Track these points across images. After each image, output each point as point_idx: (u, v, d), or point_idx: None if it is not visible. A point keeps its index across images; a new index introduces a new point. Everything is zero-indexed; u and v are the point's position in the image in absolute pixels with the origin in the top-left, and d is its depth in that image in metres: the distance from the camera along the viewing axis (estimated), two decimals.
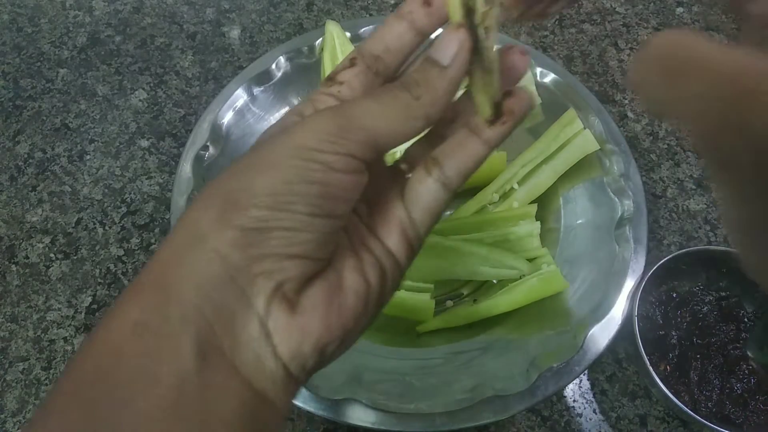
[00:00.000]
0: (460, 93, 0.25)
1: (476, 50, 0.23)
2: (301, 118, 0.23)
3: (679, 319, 0.41)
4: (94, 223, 0.50)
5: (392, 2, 0.64)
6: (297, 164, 0.20)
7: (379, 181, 0.25)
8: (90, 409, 0.18)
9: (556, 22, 0.63)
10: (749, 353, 0.39)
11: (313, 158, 0.20)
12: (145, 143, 0.54)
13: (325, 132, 0.21)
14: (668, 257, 0.41)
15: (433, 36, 0.25)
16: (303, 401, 0.35)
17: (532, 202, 0.47)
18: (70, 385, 0.19)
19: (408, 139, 0.24)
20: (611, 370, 0.44)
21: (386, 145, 0.22)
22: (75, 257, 0.48)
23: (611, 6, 0.64)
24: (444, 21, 0.24)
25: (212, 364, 0.19)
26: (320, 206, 0.21)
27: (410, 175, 0.25)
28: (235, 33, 0.61)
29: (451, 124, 0.26)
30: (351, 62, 0.25)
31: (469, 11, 0.23)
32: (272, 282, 0.20)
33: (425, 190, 0.24)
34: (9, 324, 0.45)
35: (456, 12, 0.23)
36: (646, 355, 0.38)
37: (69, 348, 0.44)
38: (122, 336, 0.19)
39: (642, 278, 0.40)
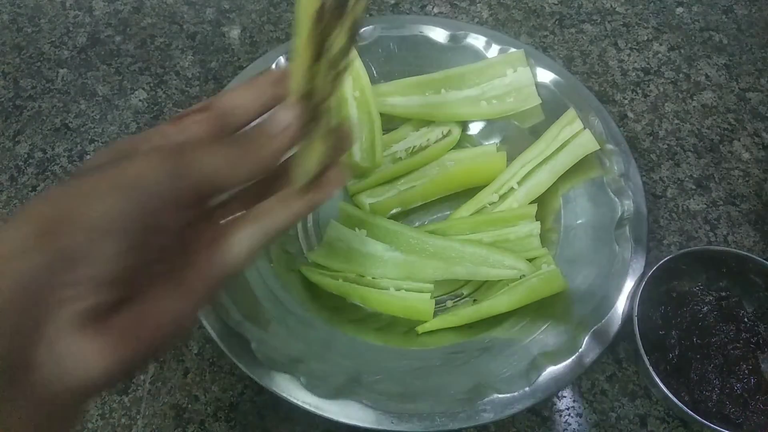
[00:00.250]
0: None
1: (309, 124, 0.25)
2: (143, 146, 0.25)
3: (679, 319, 0.41)
4: None
5: (392, 2, 0.64)
6: (129, 196, 0.21)
7: (200, 219, 0.27)
8: None
9: (556, 22, 0.63)
10: None
11: (147, 192, 0.22)
12: None
13: (162, 169, 0.22)
14: (668, 257, 0.41)
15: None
16: (303, 401, 0.35)
17: (532, 202, 0.47)
18: None
19: (235, 187, 0.26)
20: (611, 370, 0.44)
21: (214, 189, 0.24)
22: None
23: (611, 6, 0.64)
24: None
25: (14, 382, 0.20)
26: (141, 239, 0.22)
27: (225, 222, 0.27)
28: (235, 33, 0.61)
29: (281, 179, 0.28)
30: (202, 109, 0.27)
31: (309, 90, 0.24)
32: (80, 306, 0.21)
33: (232, 242, 0.26)
34: None
35: (297, 89, 0.24)
36: (646, 355, 0.38)
37: None
38: None
39: (642, 278, 0.40)
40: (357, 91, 0.48)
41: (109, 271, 0.21)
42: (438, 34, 0.52)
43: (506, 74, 0.50)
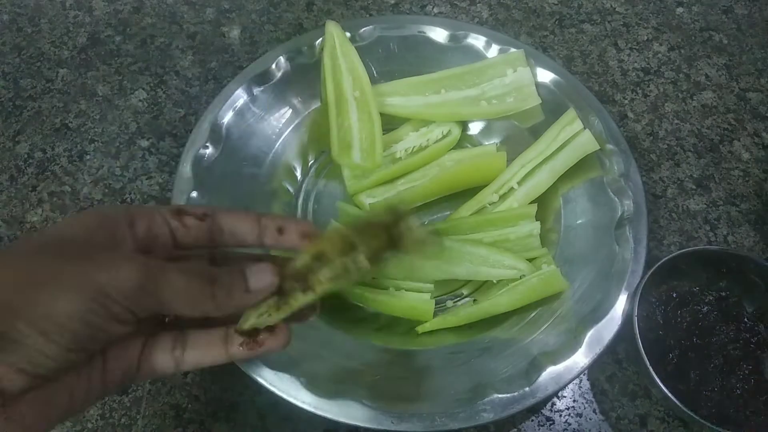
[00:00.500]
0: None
1: (285, 290, 0.27)
2: (125, 226, 0.26)
3: (679, 319, 0.41)
4: None
5: (392, 2, 0.64)
6: (88, 303, 0.22)
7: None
8: None
9: (556, 22, 0.63)
10: None
11: (106, 305, 0.22)
12: (145, 143, 0.54)
13: (127, 286, 0.22)
14: (668, 257, 0.41)
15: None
16: (303, 401, 0.35)
17: (531, 202, 0.47)
18: None
19: (191, 317, 0.26)
20: (611, 370, 0.44)
21: (169, 313, 0.25)
22: None
23: (611, 6, 0.64)
24: (282, 248, 0.29)
25: None
26: (83, 344, 0.22)
27: (158, 333, 0.28)
28: (235, 33, 0.61)
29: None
30: (202, 217, 0.28)
31: (304, 271, 0.26)
32: None
33: (161, 360, 0.27)
34: None
35: (293, 266, 0.26)
36: (646, 355, 0.38)
37: None
38: None
39: (642, 278, 0.40)
40: (357, 91, 0.48)
41: (38, 363, 0.22)
42: (438, 34, 0.52)
43: (506, 74, 0.50)
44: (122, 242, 0.26)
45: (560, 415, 0.42)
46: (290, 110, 0.50)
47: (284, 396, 0.35)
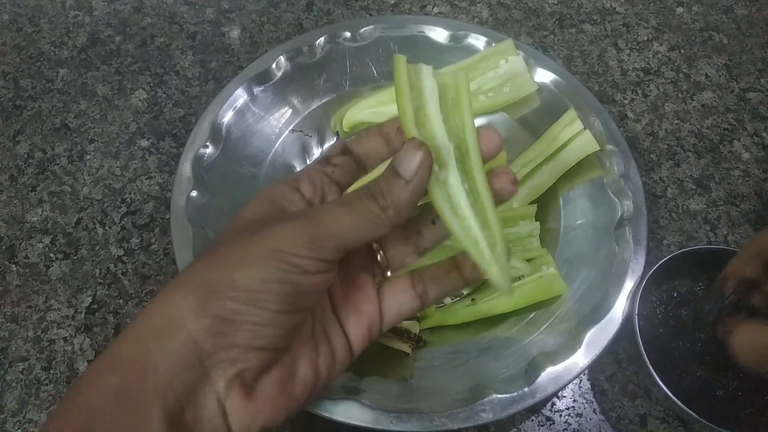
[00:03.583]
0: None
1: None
2: (293, 192, 0.27)
3: (679, 319, 0.41)
4: (94, 223, 0.50)
5: (392, 2, 0.64)
6: (274, 265, 0.23)
7: (357, 269, 0.29)
8: None
9: (556, 22, 0.63)
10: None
11: (289, 261, 0.23)
12: (145, 143, 0.54)
13: (300, 239, 0.24)
14: (668, 257, 0.41)
15: None
16: None
17: (531, 203, 0.47)
18: None
19: (375, 240, 0.27)
20: (611, 370, 0.44)
21: (355, 246, 0.25)
22: (75, 257, 0.48)
23: (611, 6, 0.64)
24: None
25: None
26: (290, 303, 0.24)
27: (390, 277, 0.29)
28: (235, 33, 0.61)
29: (425, 219, 0.30)
30: (342, 151, 0.29)
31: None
32: (234, 369, 0.23)
33: (406, 299, 0.29)
34: (9, 324, 0.45)
35: (410, 130, 0.25)
36: (646, 355, 0.38)
37: (69, 348, 0.44)
38: (104, 399, 0.21)
39: (642, 278, 0.40)
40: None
41: (262, 335, 0.23)
42: (438, 34, 0.52)
43: (498, 65, 0.49)
44: (291, 205, 0.27)
45: (560, 415, 0.42)
46: (290, 110, 0.50)
47: None
